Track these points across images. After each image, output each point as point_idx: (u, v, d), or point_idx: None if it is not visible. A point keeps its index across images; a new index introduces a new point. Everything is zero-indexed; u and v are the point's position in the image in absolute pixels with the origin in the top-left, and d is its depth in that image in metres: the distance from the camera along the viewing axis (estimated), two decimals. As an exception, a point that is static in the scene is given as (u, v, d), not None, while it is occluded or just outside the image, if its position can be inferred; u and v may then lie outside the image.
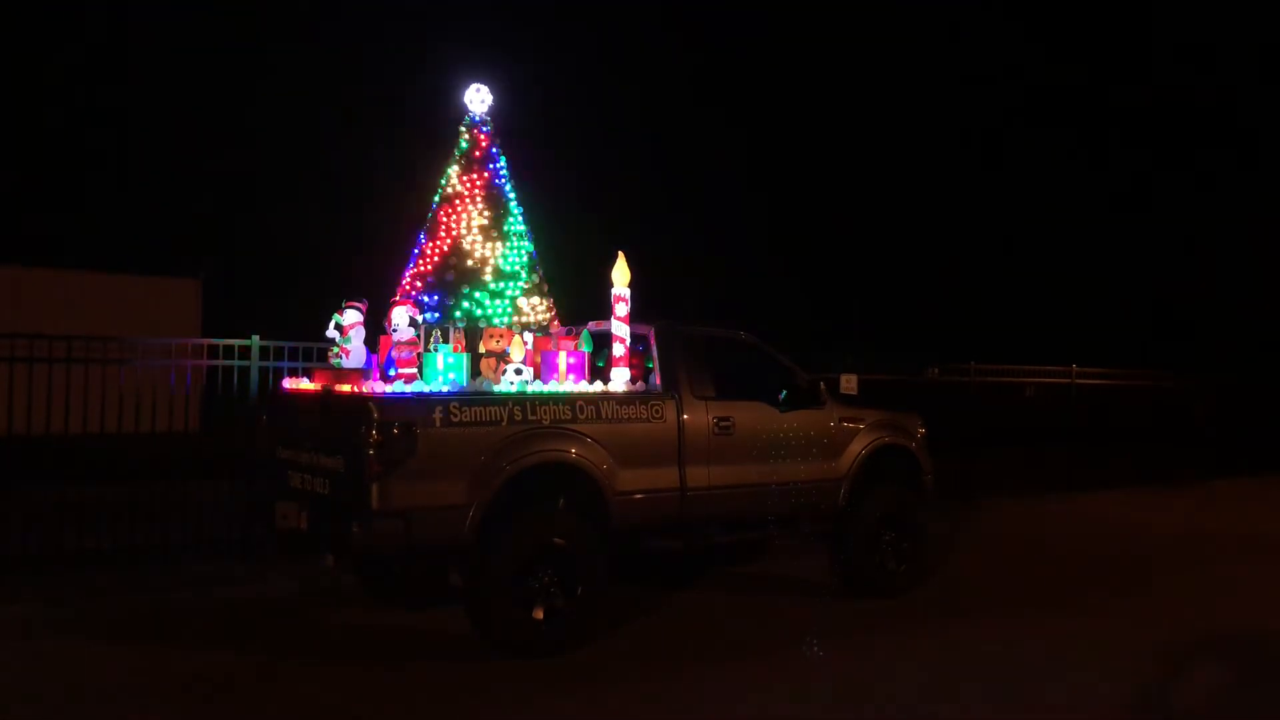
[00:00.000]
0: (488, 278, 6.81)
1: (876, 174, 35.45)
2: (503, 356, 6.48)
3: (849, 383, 10.61)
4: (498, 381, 6.32)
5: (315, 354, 8.76)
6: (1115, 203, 35.09)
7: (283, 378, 7.93)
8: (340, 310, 6.56)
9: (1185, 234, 32.59)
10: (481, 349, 6.53)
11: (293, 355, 8.90)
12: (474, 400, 5.98)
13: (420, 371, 6.23)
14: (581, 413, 6.34)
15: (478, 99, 7.19)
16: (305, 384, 6.92)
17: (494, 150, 7.19)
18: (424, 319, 6.64)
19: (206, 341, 8.88)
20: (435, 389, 6.08)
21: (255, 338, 8.82)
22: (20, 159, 27.25)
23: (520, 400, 6.14)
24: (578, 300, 8.21)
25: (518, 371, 6.40)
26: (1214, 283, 32.46)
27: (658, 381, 6.94)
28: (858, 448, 7.78)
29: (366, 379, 6.30)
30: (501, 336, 6.54)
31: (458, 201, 7.03)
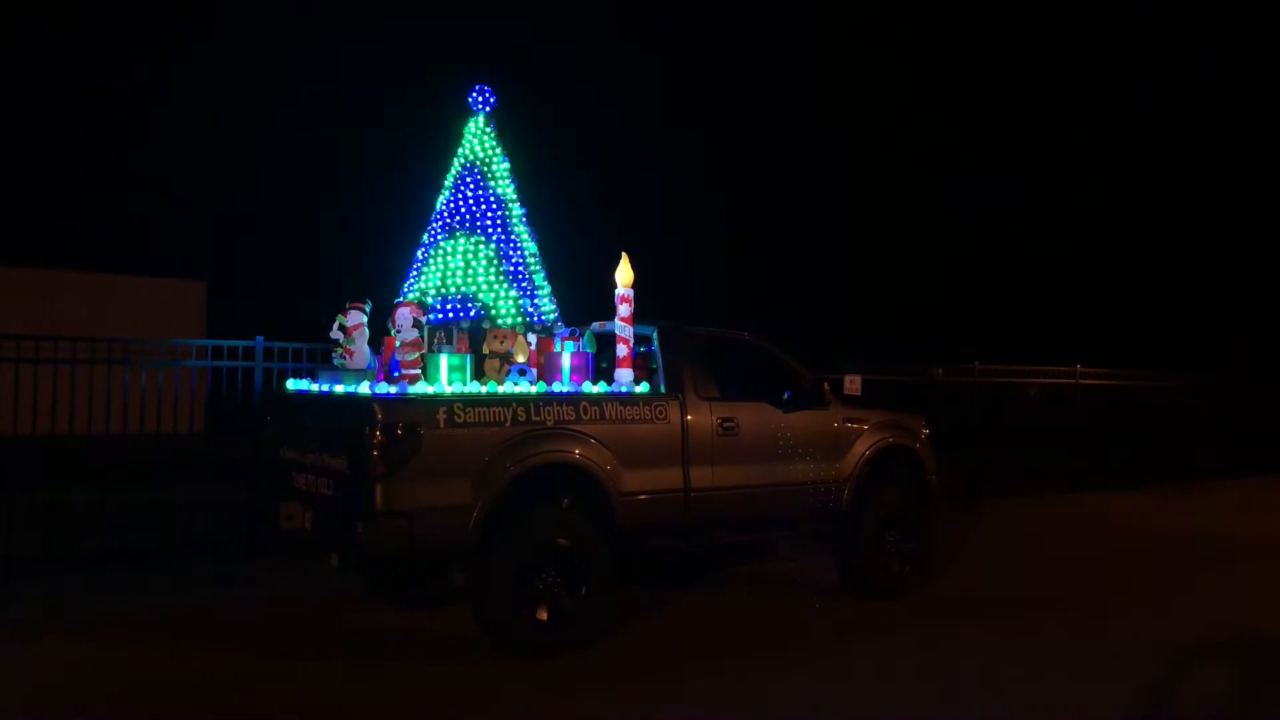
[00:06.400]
0: (491, 278, 6.83)
1: (877, 173, 35.44)
2: (506, 357, 6.49)
3: (853, 383, 10.58)
4: (501, 382, 6.33)
5: (319, 355, 8.79)
6: (1117, 202, 35.04)
7: (287, 379, 7.96)
8: (344, 311, 6.57)
9: (1187, 233, 32.53)
10: (485, 350, 6.54)
11: (297, 356, 8.93)
12: (478, 401, 5.98)
13: (424, 372, 6.24)
14: (585, 413, 6.34)
15: (480, 99, 7.21)
16: (309, 385, 6.94)
17: (497, 149, 7.20)
18: (427, 320, 6.65)
19: (211, 343, 8.90)
20: (439, 390, 6.08)
21: (259, 339, 8.85)
22: (24, 160, 27.33)
23: (524, 401, 6.15)
24: (581, 301, 8.22)
25: (521, 372, 6.41)
26: (1216, 282, 32.43)
27: (662, 382, 6.94)
28: (862, 448, 7.77)
29: (370, 380, 6.31)
30: (505, 337, 6.55)
31: (461, 201, 7.04)
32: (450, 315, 6.77)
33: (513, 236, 7.04)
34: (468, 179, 7.10)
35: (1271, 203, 31.29)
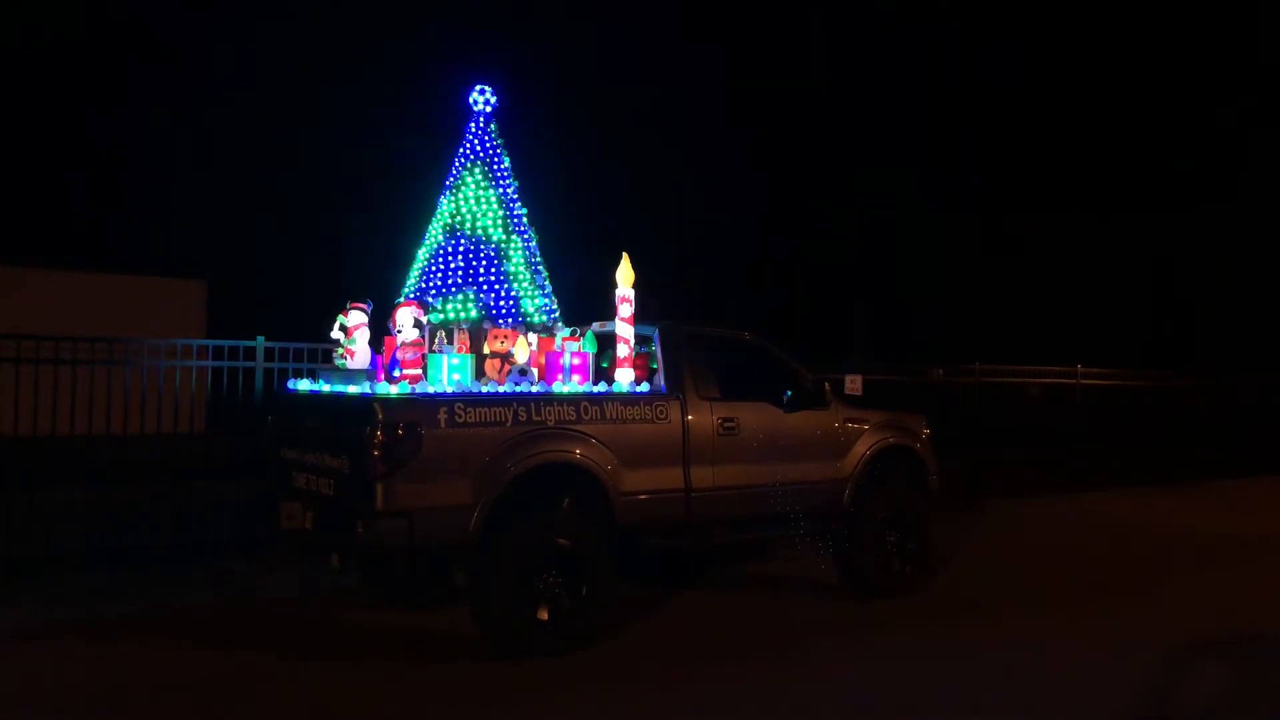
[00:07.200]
0: (492, 277, 6.83)
1: (879, 172, 35.44)
2: (507, 357, 6.49)
3: (854, 383, 10.63)
4: (502, 382, 6.33)
5: (320, 355, 8.78)
6: (1119, 202, 35.03)
7: (288, 379, 7.95)
8: (345, 311, 6.56)
9: (1188, 232, 32.54)
10: (486, 350, 6.54)
11: (298, 356, 8.93)
12: (478, 401, 5.98)
13: (425, 372, 6.24)
14: (585, 413, 6.34)
15: (481, 99, 7.21)
16: (310, 385, 6.94)
17: (498, 150, 7.20)
18: (428, 320, 6.65)
19: (212, 343, 8.89)
20: (439, 390, 6.08)
21: (260, 339, 8.85)
22: (27, 160, 27.33)
23: (525, 401, 6.15)
24: (582, 301, 8.22)
25: (522, 372, 6.41)
26: (1217, 281, 32.43)
27: (662, 382, 6.94)
28: (862, 448, 7.77)
29: (371, 380, 6.31)
30: (506, 337, 6.55)
31: (462, 202, 7.05)
32: (450, 315, 6.77)
33: (514, 236, 7.04)
34: (468, 178, 7.09)
35: (1273, 202, 31.26)
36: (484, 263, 6.88)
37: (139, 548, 8.22)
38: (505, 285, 6.86)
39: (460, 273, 6.85)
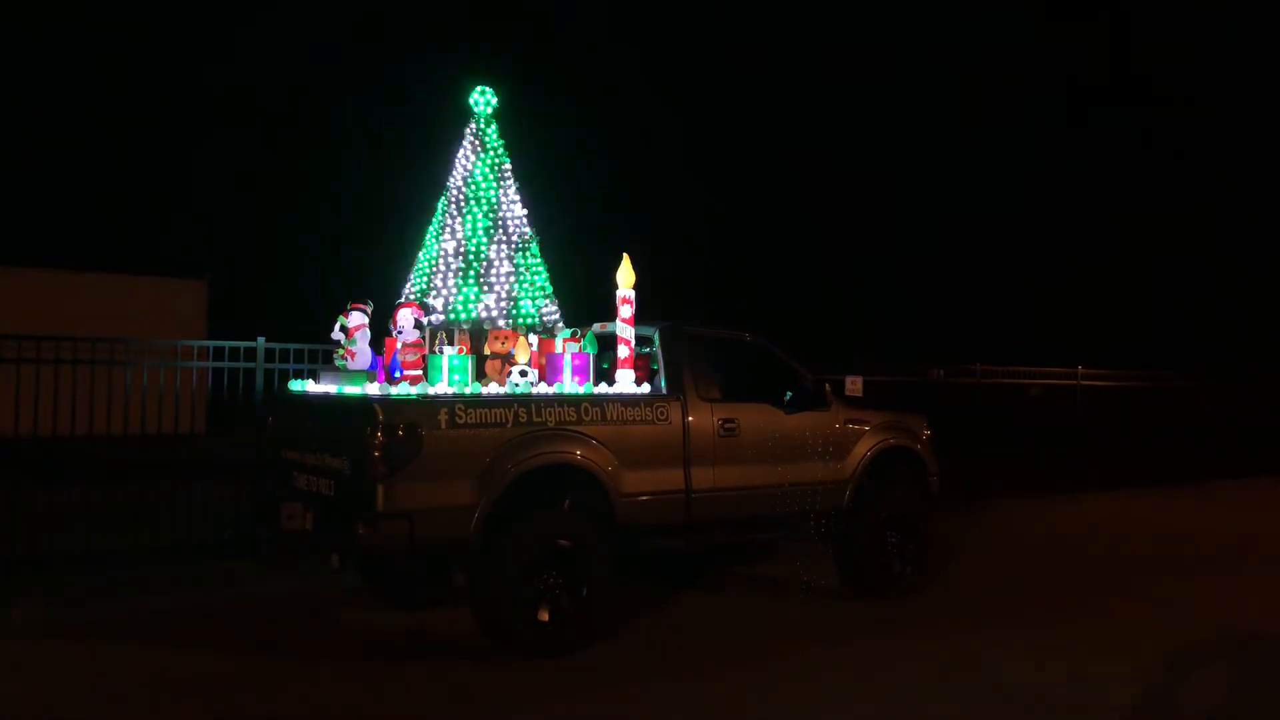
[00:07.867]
0: (493, 278, 6.83)
1: (879, 173, 35.45)
2: (507, 358, 6.49)
3: (854, 384, 10.64)
4: (503, 383, 6.33)
5: (321, 356, 8.78)
6: (1120, 202, 35.06)
7: (288, 379, 7.95)
8: (345, 312, 6.56)
9: (1188, 232, 32.56)
10: (486, 351, 6.54)
11: (298, 357, 8.92)
12: (479, 402, 5.98)
13: (425, 373, 6.24)
14: (586, 414, 6.34)
15: (483, 100, 7.20)
16: (311, 386, 6.94)
17: (498, 150, 7.20)
18: (429, 321, 6.65)
19: (212, 344, 8.89)
20: (440, 391, 6.08)
21: (261, 340, 8.84)
22: (26, 160, 27.34)
23: (525, 402, 6.15)
24: (583, 302, 8.22)
25: (523, 373, 6.41)
26: (1217, 281, 32.44)
27: (663, 383, 6.94)
28: (863, 449, 7.77)
29: (372, 381, 6.31)
30: (506, 338, 6.55)
31: (462, 202, 7.04)
32: (450, 316, 6.77)
33: (514, 237, 7.04)
34: (469, 179, 7.09)
35: (1272, 203, 31.26)
36: (484, 264, 6.87)
37: (139, 548, 8.22)
38: (505, 286, 6.86)
39: (460, 272, 6.85)
